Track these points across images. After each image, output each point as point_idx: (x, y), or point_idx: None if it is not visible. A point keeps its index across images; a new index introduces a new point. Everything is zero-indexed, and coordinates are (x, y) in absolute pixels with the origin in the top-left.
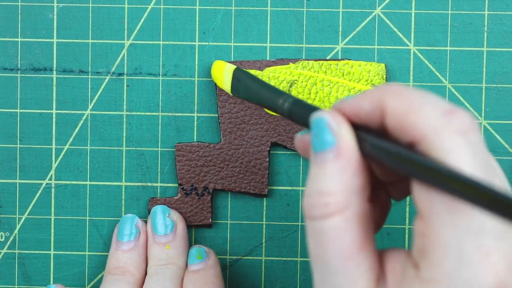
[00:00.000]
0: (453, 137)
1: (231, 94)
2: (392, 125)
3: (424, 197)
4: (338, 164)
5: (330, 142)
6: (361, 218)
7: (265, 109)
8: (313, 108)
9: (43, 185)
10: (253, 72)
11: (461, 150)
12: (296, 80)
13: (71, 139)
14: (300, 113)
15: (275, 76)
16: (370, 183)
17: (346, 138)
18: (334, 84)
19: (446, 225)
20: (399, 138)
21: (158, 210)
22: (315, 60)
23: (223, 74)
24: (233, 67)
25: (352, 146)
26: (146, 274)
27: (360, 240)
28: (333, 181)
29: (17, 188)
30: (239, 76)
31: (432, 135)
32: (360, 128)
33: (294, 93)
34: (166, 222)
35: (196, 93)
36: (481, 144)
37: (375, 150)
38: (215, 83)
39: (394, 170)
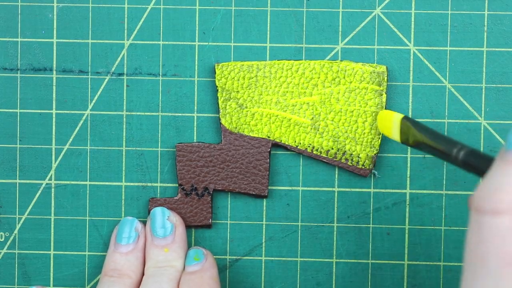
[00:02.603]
0: None
1: (400, 142)
2: None
3: None
4: None
5: None
6: None
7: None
8: (489, 158)
9: (43, 185)
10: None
11: None
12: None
13: (71, 139)
14: (475, 163)
15: (271, 72)
16: None
17: None
18: (336, 85)
19: None
20: None
21: (158, 212)
22: (316, 61)
23: (391, 123)
24: (401, 115)
25: None
26: (143, 276)
27: None
28: None
29: (17, 188)
30: (408, 125)
31: None
32: None
33: (295, 93)
34: (166, 225)
35: (196, 93)
36: None
37: None
38: (216, 84)
39: None
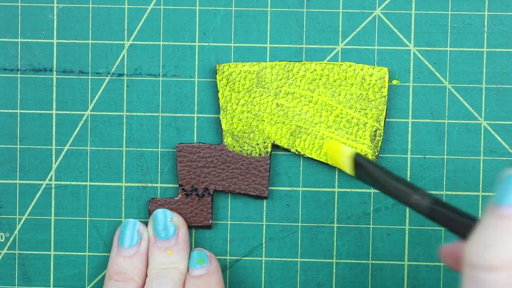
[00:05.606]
0: None
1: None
2: None
3: None
4: None
5: None
6: None
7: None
8: (457, 210)
9: (43, 186)
10: (249, 64)
11: None
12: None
13: (71, 140)
14: (442, 214)
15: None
16: None
17: None
18: (337, 87)
19: None
20: None
21: (160, 214)
22: (317, 62)
23: (340, 157)
24: (352, 151)
25: None
26: (146, 277)
27: None
28: (510, 237)
29: (17, 189)
30: (361, 163)
31: None
32: None
33: (296, 94)
34: (169, 227)
35: (196, 93)
36: None
37: None
38: (217, 85)
39: None
